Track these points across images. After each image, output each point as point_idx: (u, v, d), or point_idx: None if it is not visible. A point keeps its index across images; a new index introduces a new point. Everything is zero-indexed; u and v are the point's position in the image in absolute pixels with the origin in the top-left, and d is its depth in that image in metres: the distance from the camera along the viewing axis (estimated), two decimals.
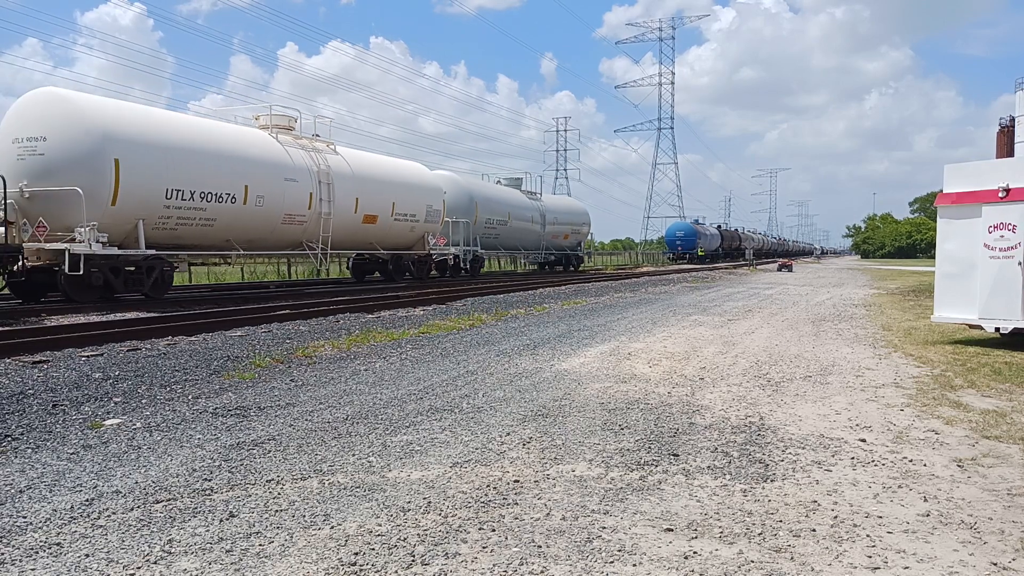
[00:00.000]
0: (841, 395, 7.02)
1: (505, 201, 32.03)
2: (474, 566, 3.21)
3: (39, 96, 14.34)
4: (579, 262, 42.21)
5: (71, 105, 14.02)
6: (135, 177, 14.23)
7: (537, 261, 39.67)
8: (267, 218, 17.56)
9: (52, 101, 14.12)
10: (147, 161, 14.53)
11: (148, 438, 5.26)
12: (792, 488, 4.29)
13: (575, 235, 40.19)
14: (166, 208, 15.04)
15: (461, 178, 29.61)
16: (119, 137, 14.13)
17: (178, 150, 15.29)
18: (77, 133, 13.76)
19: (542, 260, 39.34)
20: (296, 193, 18.13)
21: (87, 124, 13.85)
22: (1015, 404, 6.62)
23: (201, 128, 16.68)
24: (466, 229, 27.42)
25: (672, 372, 8.13)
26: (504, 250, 33.68)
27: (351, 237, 20.72)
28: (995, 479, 4.51)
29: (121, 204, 14.09)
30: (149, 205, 14.69)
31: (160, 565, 3.20)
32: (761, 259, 79.98)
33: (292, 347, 9.47)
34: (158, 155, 14.79)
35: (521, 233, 33.39)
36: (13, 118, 14.30)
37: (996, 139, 24.43)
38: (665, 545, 3.47)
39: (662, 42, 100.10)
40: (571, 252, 40.60)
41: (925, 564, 3.30)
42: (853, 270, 51.47)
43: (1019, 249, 9.87)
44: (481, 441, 5.21)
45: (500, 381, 7.46)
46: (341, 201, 19.58)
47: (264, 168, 17.37)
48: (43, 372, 7.44)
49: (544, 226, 35.67)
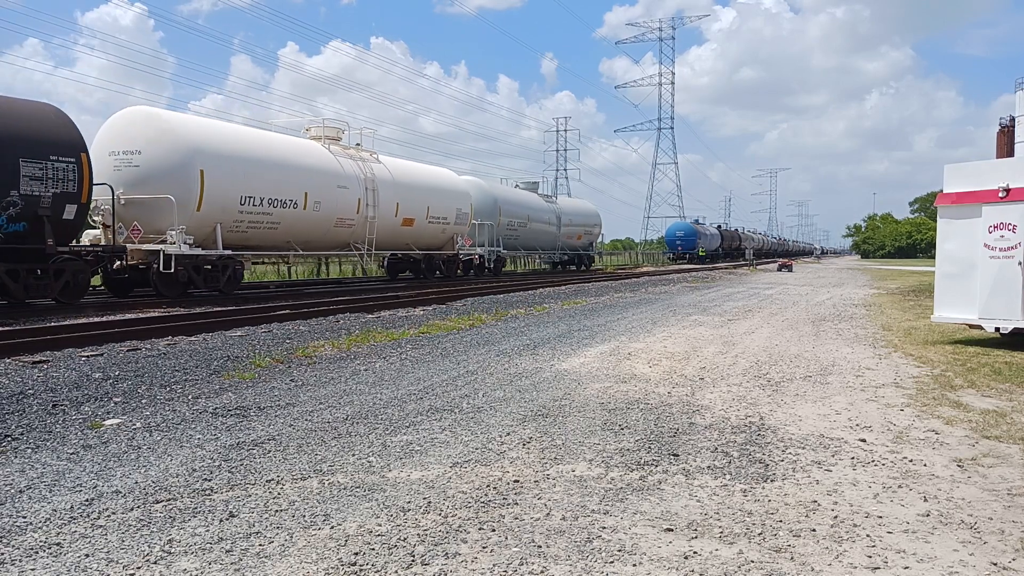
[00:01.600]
0: (841, 395, 7.01)
1: (525, 204, 33.76)
2: (474, 566, 3.21)
3: (133, 114, 16.07)
4: (590, 261, 43.60)
5: (163, 122, 15.80)
6: (216, 186, 15.93)
7: (552, 261, 41.09)
8: (322, 221, 19.26)
9: (146, 119, 15.87)
10: (226, 172, 16.23)
11: (148, 438, 5.26)
12: (792, 488, 4.29)
13: (587, 236, 41.70)
14: (240, 213, 16.73)
15: (485, 183, 31.29)
16: (204, 151, 15.83)
17: (250, 161, 17.05)
18: (169, 147, 15.43)
19: (557, 260, 40.77)
20: (347, 199, 19.90)
21: (177, 139, 15.54)
22: (1015, 404, 6.62)
23: (268, 141, 18.47)
24: (490, 231, 29.17)
25: (672, 372, 8.13)
26: (523, 250, 35.28)
27: (391, 238, 22.50)
28: (995, 479, 4.51)
29: (204, 210, 15.75)
30: (226, 210, 16.38)
31: (160, 565, 3.20)
32: (761, 259, 79.97)
33: (292, 347, 9.46)
34: (235, 166, 16.54)
35: (539, 234, 35.12)
36: (108, 133, 15.83)
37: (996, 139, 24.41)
38: (665, 545, 3.46)
39: (662, 42, 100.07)
40: (583, 252, 42.09)
41: (925, 564, 3.30)
42: (853, 270, 51.47)
43: (1019, 249, 9.87)
44: (481, 441, 5.21)
45: (500, 381, 7.46)
46: (384, 206, 21.38)
47: (320, 176, 19.11)
48: (43, 372, 7.43)
49: (559, 227, 37.29)
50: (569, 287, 24.12)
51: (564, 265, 41.90)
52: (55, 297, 13.40)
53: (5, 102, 12.90)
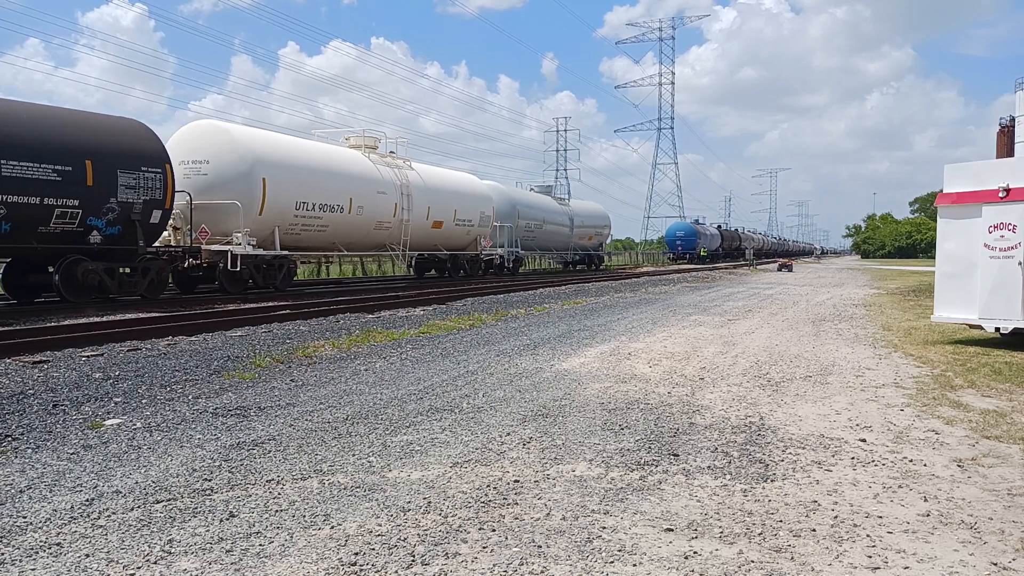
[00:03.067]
0: (841, 395, 7.01)
1: (540, 207, 35.56)
2: (474, 566, 3.21)
3: (201, 127, 17.80)
4: (600, 261, 45.83)
5: (229, 135, 17.42)
6: (276, 192, 17.60)
7: (564, 260, 42.68)
8: (364, 224, 20.95)
9: (213, 131, 17.56)
10: (284, 179, 17.90)
11: (148, 438, 5.26)
12: (792, 488, 4.29)
13: (598, 236, 43.39)
14: (295, 216, 18.36)
15: (505, 187, 33.30)
16: (266, 161, 17.53)
17: (305, 170, 18.71)
18: (235, 158, 17.05)
19: (569, 260, 42.43)
20: (385, 203, 21.55)
21: (242, 151, 17.16)
22: (1015, 404, 6.62)
23: (318, 151, 20.14)
24: (509, 232, 30.95)
25: (672, 372, 8.13)
26: (539, 250, 37.12)
27: (422, 239, 24.15)
28: (995, 479, 4.51)
29: (265, 214, 17.40)
30: (284, 214, 18.05)
31: (160, 565, 3.20)
32: (761, 259, 79.95)
33: (292, 347, 9.46)
34: (292, 174, 18.19)
35: (553, 235, 36.91)
36: (178, 144, 17.15)
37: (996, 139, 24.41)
38: (665, 545, 3.46)
39: (662, 42, 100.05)
40: (594, 252, 43.79)
41: (925, 564, 3.30)
42: (853, 270, 51.46)
43: (1019, 249, 9.87)
44: (481, 441, 5.21)
45: (500, 381, 7.46)
46: (417, 209, 23.07)
47: (362, 183, 20.80)
48: (43, 372, 7.44)
49: (572, 229, 38.88)
50: (569, 287, 24.12)
51: (575, 265, 43.37)
52: (142, 293, 14.62)
53: (101, 119, 14.30)
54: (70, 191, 12.81)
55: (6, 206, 11.90)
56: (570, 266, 43.40)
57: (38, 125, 12.68)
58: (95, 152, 13.24)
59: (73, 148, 12.91)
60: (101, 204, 13.38)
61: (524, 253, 34.02)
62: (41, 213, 12.47)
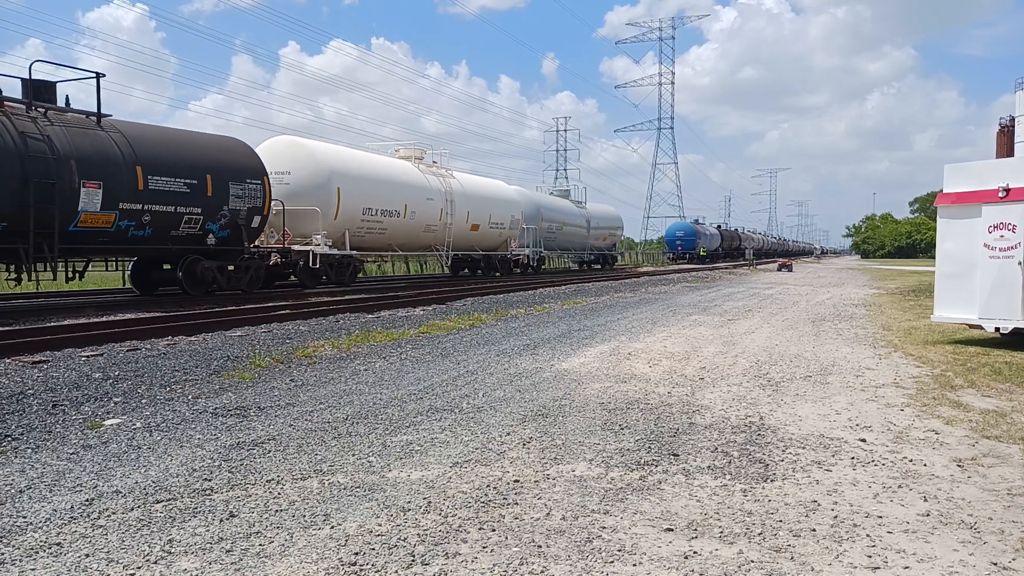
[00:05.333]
0: (841, 395, 7.01)
1: (561, 210, 38.01)
2: (474, 566, 3.21)
3: (283, 142, 20.34)
4: (614, 260, 47.77)
5: (308, 149, 20.07)
6: (348, 200, 20.04)
7: (581, 260, 44.62)
8: (416, 227, 23.46)
9: (295, 146, 20.12)
10: (354, 188, 20.34)
11: (148, 438, 5.26)
12: (792, 488, 4.29)
13: (611, 237, 45.83)
14: (361, 221, 20.83)
15: (530, 192, 36.16)
16: (340, 172, 20.11)
17: (369, 180, 21.33)
18: (314, 169, 19.58)
19: (586, 259, 44.49)
20: (432, 209, 24.08)
21: (320, 163, 19.78)
22: (1015, 404, 6.62)
23: (380, 163, 22.85)
24: (534, 234, 33.27)
25: (672, 372, 8.13)
26: (559, 250, 39.24)
27: (462, 241, 26.66)
28: (995, 479, 4.51)
29: (339, 219, 19.89)
30: (353, 219, 20.50)
31: (160, 565, 3.21)
32: (761, 259, 79.94)
33: (292, 347, 9.46)
34: (360, 184, 20.73)
35: (572, 237, 39.39)
36: (263, 157, 18.52)
37: (996, 139, 24.42)
38: (665, 545, 3.46)
39: (662, 42, 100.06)
40: (608, 252, 46.26)
41: (925, 564, 3.30)
42: (853, 270, 51.46)
43: (1019, 249, 9.87)
44: (481, 441, 5.21)
45: (500, 381, 7.46)
46: (458, 214, 25.58)
47: (414, 190, 23.28)
48: (43, 372, 7.43)
49: (589, 230, 41.12)
50: (569, 287, 24.12)
51: (591, 264, 45.40)
52: (243, 287, 16.80)
53: (215, 139, 16.65)
54: (195, 200, 15.03)
55: (150, 214, 14.13)
56: (585, 265, 45.31)
57: (173, 146, 14.95)
58: (213, 168, 15.49)
59: (198, 165, 15.17)
60: (216, 211, 15.60)
61: (547, 253, 36.33)
62: (174, 219, 14.73)
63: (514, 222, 30.14)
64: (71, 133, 12.94)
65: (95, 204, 13.08)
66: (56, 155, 12.43)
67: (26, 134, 12.12)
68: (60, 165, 12.46)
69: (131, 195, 13.66)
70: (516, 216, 30.33)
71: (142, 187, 13.82)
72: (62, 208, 12.53)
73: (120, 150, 13.60)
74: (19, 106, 12.62)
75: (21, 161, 11.95)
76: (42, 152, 12.23)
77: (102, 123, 13.74)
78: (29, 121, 12.36)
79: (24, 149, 12.01)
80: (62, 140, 12.68)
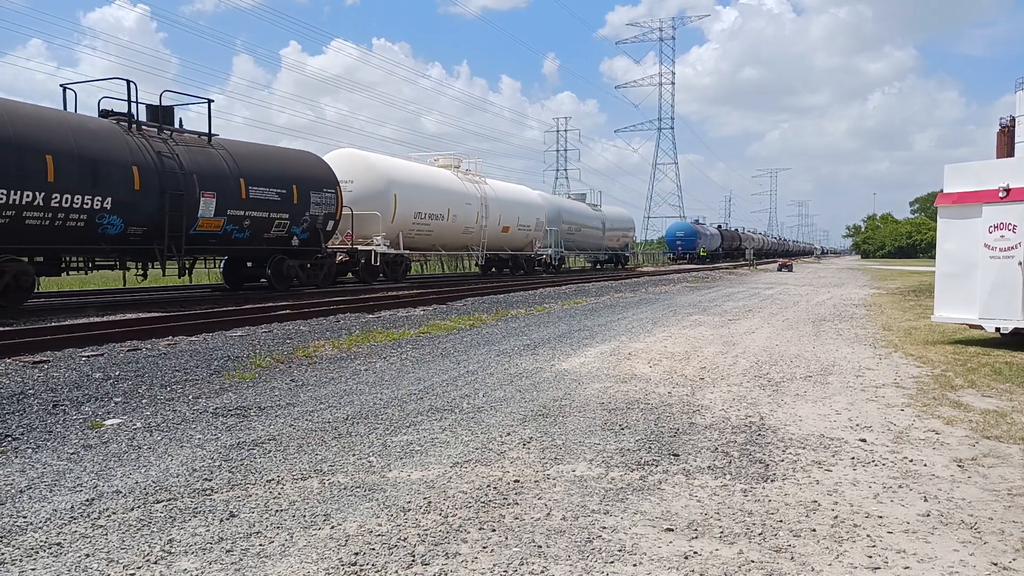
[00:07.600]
0: (841, 395, 7.01)
1: (579, 213, 40.28)
2: (474, 566, 3.21)
3: (346, 154, 22.92)
4: (626, 260, 49.75)
5: (368, 161, 22.87)
6: (403, 205, 22.75)
7: (596, 260, 46.87)
8: (456, 229, 26.22)
9: (356, 158, 22.83)
10: (408, 195, 23.07)
11: (148, 438, 5.26)
12: (792, 488, 4.29)
13: (624, 238, 47.99)
14: (413, 224, 23.51)
15: (551, 196, 39.67)
16: (396, 180, 22.87)
17: (420, 187, 24.08)
18: (374, 178, 22.37)
19: (600, 259, 46.85)
20: (470, 213, 26.90)
21: (379, 173, 22.64)
22: (1015, 404, 6.62)
23: (427, 172, 25.75)
24: (555, 235, 35.51)
25: (672, 372, 8.13)
26: (576, 250, 41.81)
27: (494, 242, 29.54)
28: (995, 479, 4.51)
29: (395, 222, 22.54)
30: (407, 222, 23.19)
31: (160, 565, 3.21)
32: (761, 259, 79.94)
33: (292, 347, 9.46)
34: (413, 191, 23.46)
35: (589, 238, 41.71)
36: None
37: (996, 139, 24.39)
38: (665, 545, 3.46)
39: (663, 42, 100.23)
40: (621, 253, 48.44)
41: (925, 564, 3.30)
42: (853, 270, 51.45)
43: (1019, 249, 9.87)
44: (481, 441, 5.21)
45: (500, 381, 7.46)
46: (491, 217, 28.35)
47: (455, 196, 26.08)
48: (43, 372, 7.43)
49: (604, 232, 43.33)
50: (569, 287, 24.12)
51: (604, 264, 47.61)
52: (318, 283, 19.13)
53: (297, 153, 19.10)
54: (284, 207, 17.34)
55: (249, 219, 16.41)
56: (599, 265, 47.26)
57: (267, 161, 17.31)
58: (298, 179, 17.83)
59: (286, 176, 17.51)
60: (300, 216, 17.87)
61: (566, 253, 38.83)
62: (267, 224, 17.04)
63: (538, 224, 32.81)
64: (191, 151, 15.15)
65: (210, 211, 15.41)
66: (183, 170, 14.64)
67: (161, 153, 14.34)
68: (187, 179, 14.67)
69: (236, 203, 15.95)
70: (540, 219, 32.96)
71: (244, 196, 16.17)
72: (187, 215, 14.70)
73: (227, 165, 15.90)
74: (152, 129, 14.77)
75: (159, 176, 14.15)
76: (173, 169, 14.46)
77: (212, 142, 16.06)
78: (161, 142, 14.59)
79: (160, 166, 14.23)
80: (186, 157, 14.86)
